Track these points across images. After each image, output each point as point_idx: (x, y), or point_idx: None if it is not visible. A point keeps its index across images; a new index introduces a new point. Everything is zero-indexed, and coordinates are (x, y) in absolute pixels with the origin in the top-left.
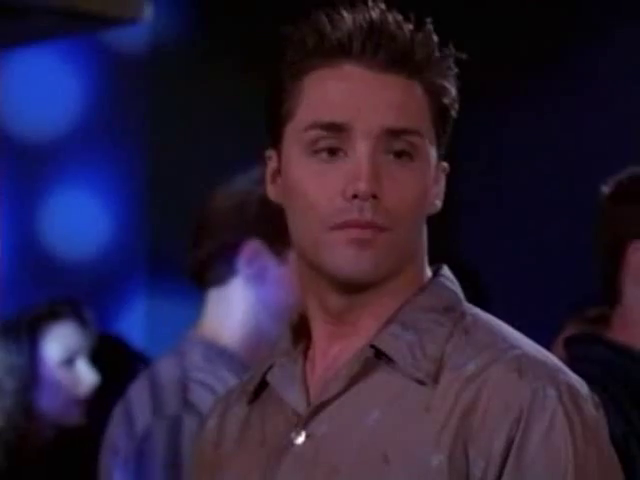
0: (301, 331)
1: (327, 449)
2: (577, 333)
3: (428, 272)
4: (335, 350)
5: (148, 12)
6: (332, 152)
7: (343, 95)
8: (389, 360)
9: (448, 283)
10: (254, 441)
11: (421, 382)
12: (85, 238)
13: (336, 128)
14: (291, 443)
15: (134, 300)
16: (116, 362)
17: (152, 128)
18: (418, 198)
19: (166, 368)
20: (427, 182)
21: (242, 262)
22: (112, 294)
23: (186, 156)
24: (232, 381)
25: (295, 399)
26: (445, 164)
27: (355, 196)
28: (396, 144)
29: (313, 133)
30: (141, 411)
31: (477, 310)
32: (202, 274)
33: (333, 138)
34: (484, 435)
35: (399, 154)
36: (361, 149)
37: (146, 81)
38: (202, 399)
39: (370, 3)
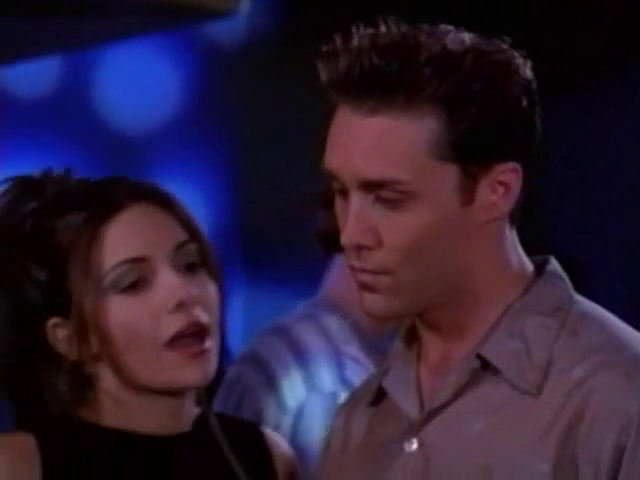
0: (415, 331)
1: (436, 458)
2: None
3: (529, 267)
4: (444, 352)
5: (244, 5)
6: (341, 193)
7: (334, 142)
8: (495, 370)
9: (555, 280)
10: (374, 446)
11: (527, 392)
12: None
13: (333, 175)
14: (402, 450)
15: (231, 291)
16: None
17: (246, 121)
18: (420, 237)
19: (310, 338)
20: (433, 216)
21: None
22: None
23: (280, 149)
24: (366, 359)
25: (408, 405)
26: (510, 165)
27: None
28: (382, 193)
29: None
30: (290, 383)
31: (585, 305)
32: (334, 238)
33: (337, 183)
34: (592, 443)
35: (387, 202)
36: (351, 199)
37: (241, 74)
38: (356, 375)
39: (383, 25)
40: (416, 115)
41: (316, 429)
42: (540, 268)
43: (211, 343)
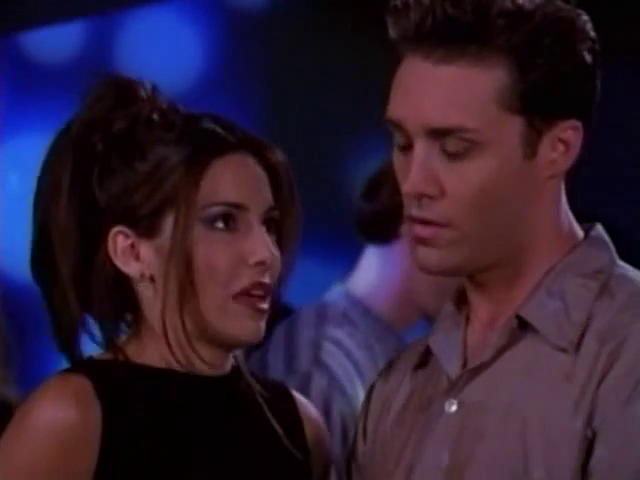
0: (465, 294)
1: (474, 416)
2: None
3: (578, 232)
4: (491, 313)
5: None
6: (403, 149)
7: (399, 91)
8: (534, 329)
9: (598, 243)
10: (416, 407)
11: (564, 350)
12: None
13: (396, 125)
14: (443, 410)
15: None
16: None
17: (272, 85)
18: (483, 188)
19: (304, 321)
20: (498, 168)
21: None
22: None
23: (309, 114)
24: (371, 342)
25: (451, 365)
26: (572, 122)
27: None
28: (448, 143)
29: (390, 125)
30: (275, 362)
31: (628, 270)
32: (371, 227)
33: (399, 134)
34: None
35: (452, 152)
36: (416, 148)
37: (267, 38)
38: (333, 357)
39: None
40: (487, 65)
41: None
42: (587, 234)
43: (268, 305)
